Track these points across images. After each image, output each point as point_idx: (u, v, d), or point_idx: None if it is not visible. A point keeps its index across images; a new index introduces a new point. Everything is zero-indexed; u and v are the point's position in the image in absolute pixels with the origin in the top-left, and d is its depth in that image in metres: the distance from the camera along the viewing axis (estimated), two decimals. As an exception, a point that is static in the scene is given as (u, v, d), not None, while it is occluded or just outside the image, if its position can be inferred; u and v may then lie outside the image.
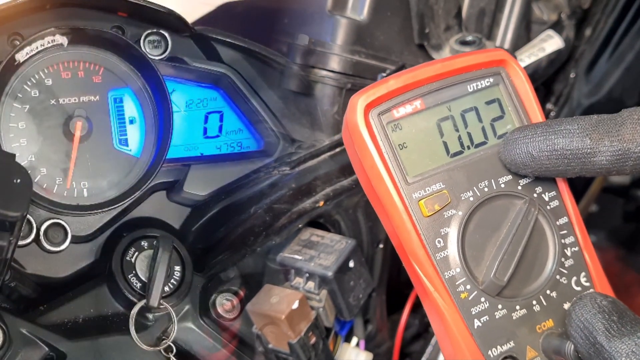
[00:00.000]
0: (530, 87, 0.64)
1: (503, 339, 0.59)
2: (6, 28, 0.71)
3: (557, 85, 1.10)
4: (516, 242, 0.59)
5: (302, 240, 0.80)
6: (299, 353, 0.73)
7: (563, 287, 0.61)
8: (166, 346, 0.71)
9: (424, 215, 0.59)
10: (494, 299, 0.59)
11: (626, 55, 1.20)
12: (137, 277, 0.72)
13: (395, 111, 0.60)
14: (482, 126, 0.63)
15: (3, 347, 0.64)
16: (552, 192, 0.63)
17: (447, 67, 0.62)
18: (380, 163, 0.58)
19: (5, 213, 0.56)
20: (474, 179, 0.60)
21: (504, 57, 0.64)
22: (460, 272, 0.58)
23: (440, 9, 0.87)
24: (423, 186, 0.59)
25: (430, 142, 0.61)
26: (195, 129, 0.81)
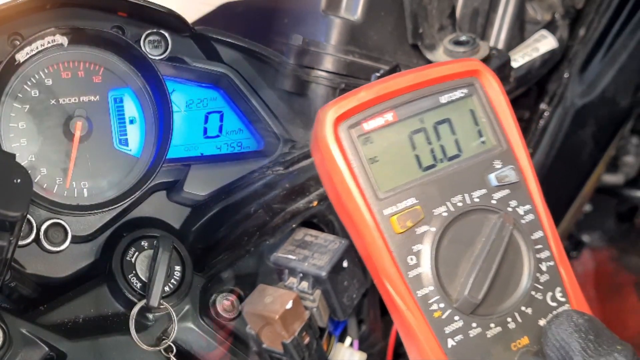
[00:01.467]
0: (505, 97, 0.62)
1: (478, 358, 0.57)
2: (6, 28, 0.71)
3: (550, 85, 1.10)
4: (490, 258, 0.57)
5: (295, 240, 0.79)
6: (293, 353, 0.72)
7: (538, 303, 0.59)
8: (166, 346, 0.71)
9: (396, 232, 0.56)
10: (468, 317, 0.57)
11: (620, 55, 1.20)
12: (137, 277, 0.72)
13: (365, 124, 0.58)
14: (456, 138, 0.61)
15: (3, 347, 0.64)
16: (527, 205, 0.61)
17: (420, 77, 0.60)
18: (349, 178, 0.56)
19: (5, 213, 0.56)
20: (447, 194, 0.58)
21: (477, 68, 0.62)
22: (434, 290, 0.56)
23: (434, 9, 0.86)
24: (395, 202, 0.57)
25: (402, 156, 0.59)
26: (195, 129, 0.81)
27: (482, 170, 0.60)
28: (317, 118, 0.58)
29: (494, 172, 0.60)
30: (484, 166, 0.60)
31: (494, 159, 0.61)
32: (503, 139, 0.62)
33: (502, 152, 0.61)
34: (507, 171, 0.61)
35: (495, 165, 0.61)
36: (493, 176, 0.60)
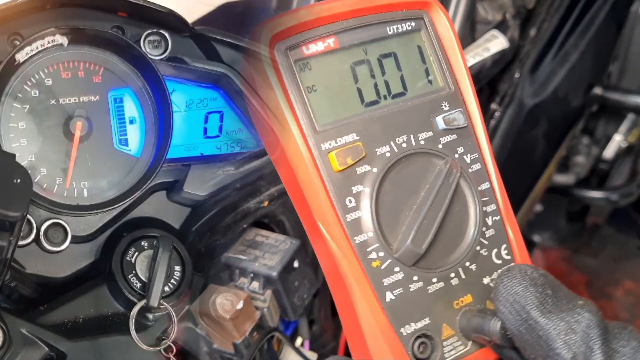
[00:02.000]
0: (455, 36, 0.59)
1: (417, 315, 0.52)
2: (6, 28, 0.71)
3: (501, 86, 1.10)
4: (436, 207, 0.53)
5: (246, 241, 0.79)
6: (244, 353, 0.72)
7: (483, 260, 0.55)
8: (166, 346, 0.71)
9: (335, 169, 0.52)
10: (410, 269, 0.52)
11: (571, 55, 1.20)
12: (137, 277, 0.72)
13: (305, 48, 0.53)
14: (401, 75, 0.56)
15: (3, 347, 0.64)
16: (475, 153, 0.57)
17: (366, 2, 0.55)
18: (285, 105, 0.51)
19: (5, 213, 0.56)
20: (391, 133, 0.54)
21: (427, 0, 0.58)
22: (373, 237, 0.52)
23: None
24: (334, 136, 0.52)
25: (343, 88, 0.54)
26: (195, 129, 0.81)
27: (429, 111, 0.56)
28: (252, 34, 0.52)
29: (442, 115, 0.56)
30: (431, 107, 0.56)
31: (442, 100, 0.57)
32: (452, 81, 0.58)
33: (449, 94, 0.58)
34: (455, 114, 0.57)
35: (443, 107, 0.57)
36: (440, 118, 0.56)
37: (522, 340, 0.48)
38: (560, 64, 1.18)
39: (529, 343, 0.47)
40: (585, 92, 1.32)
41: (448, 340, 0.53)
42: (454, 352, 0.54)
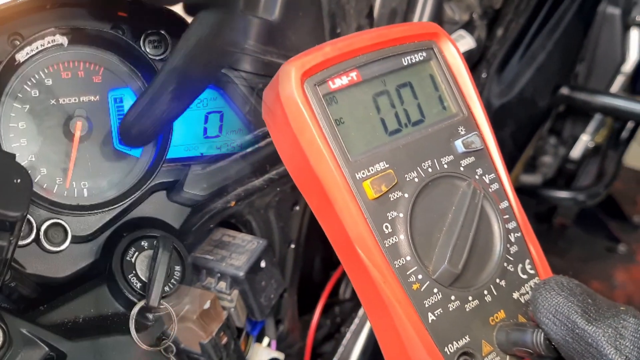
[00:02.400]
0: (464, 62, 0.61)
1: (458, 333, 0.54)
2: (6, 28, 0.71)
3: None
4: (467, 227, 0.54)
5: (213, 241, 0.79)
6: (211, 353, 0.72)
7: (511, 275, 0.57)
8: (166, 346, 0.71)
9: (370, 197, 0.53)
10: (447, 289, 0.54)
11: (538, 56, 1.20)
12: (137, 277, 0.72)
13: (331, 82, 0.55)
14: (418, 103, 0.58)
15: (3, 347, 0.64)
16: (492, 174, 0.59)
17: (382, 36, 0.57)
18: (320, 139, 0.52)
19: (5, 213, 0.56)
20: (417, 159, 0.56)
21: (435, 31, 0.60)
22: (411, 261, 0.53)
23: (351, 8, 0.86)
24: (367, 165, 0.54)
25: (368, 118, 0.56)
26: (195, 129, 0.81)
27: (448, 136, 0.58)
28: (280, 74, 0.54)
29: (460, 138, 0.59)
30: (449, 132, 0.59)
31: (458, 125, 0.59)
32: (464, 106, 0.60)
33: (464, 119, 0.60)
34: (472, 137, 0.59)
35: (460, 131, 0.59)
36: (460, 142, 0.58)
37: (570, 349, 0.48)
38: (527, 64, 1.18)
39: (578, 352, 0.48)
40: (553, 93, 1.32)
41: (488, 356, 0.55)
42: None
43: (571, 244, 2.08)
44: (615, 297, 1.95)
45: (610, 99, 1.42)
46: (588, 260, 2.04)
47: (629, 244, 2.09)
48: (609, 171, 1.75)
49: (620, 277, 2.01)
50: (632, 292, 1.97)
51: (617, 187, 1.85)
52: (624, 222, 2.13)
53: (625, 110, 1.41)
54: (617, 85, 1.65)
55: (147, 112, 0.69)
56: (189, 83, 0.68)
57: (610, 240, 2.09)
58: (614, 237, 2.09)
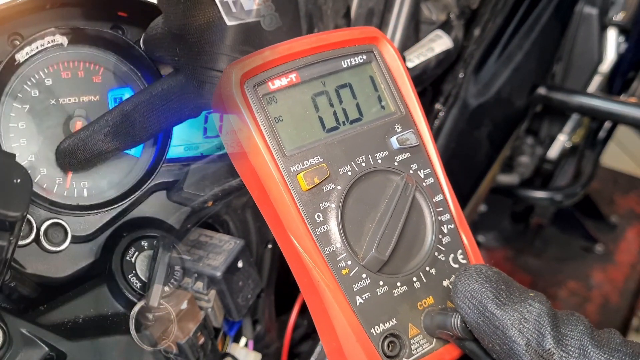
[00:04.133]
0: (403, 64, 0.65)
1: (385, 316, 0.58)
2: (6, 28, 0.71)
3: (445, 86, 1.10)
4: (396, 217, 0.59)
5: (190, 241, 0.79)
6: (188, 353, 0.72)
7: (441, 265, 0.61)
8: (166, 346, 0.71)
9: (303, 189, 0.58)
10: (376, 275, 0.58)
11: (515, 56, 1.20)
12: (137, 277, 0.72)
13: (270, 83, 0.59)
14: (357, 102, 0.63)
15: (3, 347, 0.64)
16: (427, 169, 0.63)
17: (321, 40, 0.62)
18: (257, 135, 0.57)
19: (5, 213, 0.56)
20: (351, 154, 0.60)
21: (375, 35, 0.65)
22: (341, 248, 0.58)
23: (328, 9, 0.86)
24: (301, 159, 0.58)
25: (306, 117, 0.60)
26: (195, 129, 0.81)
27: (384, 133, 0.63)
28: (223, 76, 0.59)
29: (395, 135, 0.63)
30: (385, 129, 0.63)
31: (394, 123, 0.63)
32: (402, 105, 0.64)
33: (401, 117, 0.64)
34: (408, 134, 0.63)
35: (396, 128, 0.63)
36: (395, 139, 0.62)
37: (481, 331, 0.53)
38: (504, 64, 1.18)
39: (487, 333, 0.52)
40: (529, 93, 1.32)
41: (415, 339, 0.59)
42: (420, 349, 0.59)
43: (548, 244, 2.09)
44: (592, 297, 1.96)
45: (587, 99, 1.43)
46: (565, 260, 2.05)
47: (605, 244, 2.10)
48: (586, 171, 1.76)
49: (597, 277, 2.02)
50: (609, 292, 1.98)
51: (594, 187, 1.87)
52: (601, 222, 2.15)
53: (602, 110, 1.41)
54: (594, 85, 1.65)
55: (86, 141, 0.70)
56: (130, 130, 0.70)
57: (587, 240, 2.10)
58: (591, 237, 2.10)
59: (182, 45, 0.67)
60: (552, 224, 2.10)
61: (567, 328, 0.50)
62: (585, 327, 0.51)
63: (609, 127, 1.81)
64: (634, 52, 1.70)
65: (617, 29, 1.64)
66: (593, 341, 0.49)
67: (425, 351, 0.59)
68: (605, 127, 1.80)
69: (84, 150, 0.70)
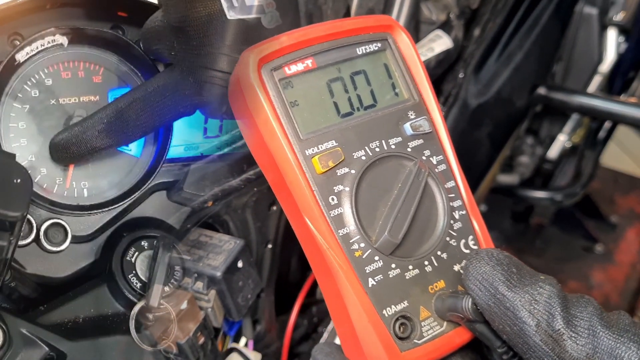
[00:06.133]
0: (417, 53, 0.66)
1: (397, 299, 0.59)
2: (6, 28, 0.71)
3: (446, 86, 1.10)
4: (409, 202, 0.59)
5: (190, 241, 0.79)
6: (188, 353, 0.72)
7: (453, 249, 0.62)
8: (166, 346, 0.71)
9: (318, 172, 0.58)
10: (388, 257, 0.59)
11: (515, 56, 1.20)
12: (137, 277, 0.72)
13: (287, 68, 0.60)
14: (371, 89, 0.64)
15: (3, 347, 0.64)
16: (440, 155, 0.64)
17: (337, 27, 0.63)
18: (273, 118, 0.58)
19: (5, 213, 0.56)
20: (365, 139, 0.61)
21: (390, 23, 0.65)
22: (354, 230, 0.58)
23: (328, 9, 0.86)
24: (316, 143, 0.59)
25: (322, 102, 0.61)
26: (195, 129, 0.81)
27: (397, 119, 0.63)
28: (240, 60, 0.59)
29: (409, 122, 0.63)
30: (399, 116, 0.63)
31: (408, 110, 0.64)
32: (415, 92, 0.65)
33: (414, 104, 0.64)
34: (421, 121, 0.64)
35: (409, 115, 0.64)
36: (408, 125, 0.63)
37: (492, 313, 0.53)
38: (504, 64, 1.18)
39: (498, 315, 0.53)
40: (530, 93, 1.32)
41: (426, 321, 0.59)
42: (431, 331, 0.59)
43: (548, 244, 2.09)
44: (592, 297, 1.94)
45: (587, 98, 1.43)
46: (565, 260, 2.05)
47: (606, 243, 2.10)
48: (586, 171, 1.76)
49: (598, 277, 2.02)
50: (609, 292, 1.98)
51: (594, 187, 1.86)
52: (601, 222, 2.14)
53: (602, 110, 1.41)
54: (594, 85, 1.65)
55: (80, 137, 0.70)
56: (124, 127, 0.69)
57: (587, 240, 2.10)
58: (591, 237, 2.10)
59: (180, 38, 0.67)
60: (552, 224, 2.10)
61: (577, 309, 0.51)
62: (595, 308, 0.51)
63: (609, 127, 1.81)
64: (634, 52, 1.70)
65: (617, 29, 1.64)
66: (602, 322, 0.50)
67: (436, 333, 0.59)
68: (605, 127, 1.80)
69: (77, 146, 0.69)
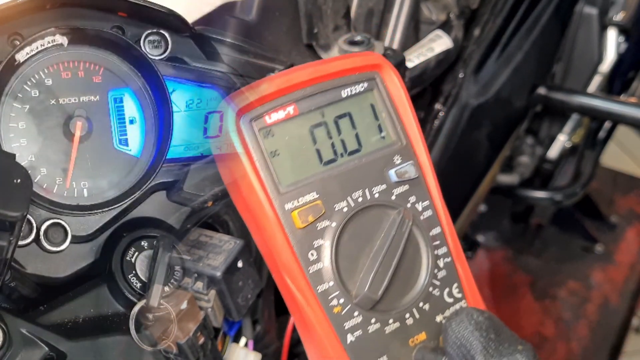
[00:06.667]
0: (405, 93, 0.63)
1: (376, 353, 0.57)
2: (6, 28, 0.71)
3: (445, 86, 1.09)
4: (390, 255, 0.57)
5: (190, 241, 0.79)
6: (188, 353, 0.72)
7: (435, 299, 0.60)
8: (166, 346, 0.71)
9: (297, 227, 0.56)
10: (368, 312, 0.57)
11: (514, 56, 1.20)
12: (137, 277, 0.72)
13: (267, 117, 0.58)
14: (356, 133, 0.61)
15: (3, 347, 0.64)
16: (426, 201, 0.61)
17: (321, 71, 0.60)
18: (251, 172, 0.56)
19: (5, 213, 0.56)
20: (348, 189, 0.59)
21: (378, 62, 0.62)
22: (334, 286, 0.56)
23: (328, 9, 0.86)
24: (296, 196, 0.57)
25: (303, 150, 0.59)
26: (195, 129, 0.81)
27: (382, 165, 0.61)
28: (219, 109, 0.58)
29: (394, 168, 0.61)
30: (384, 161, 0.61)
31: (394, 154, 0.62)
32: (403, 135, 0.62)
33: (401, 148, 0.62)
34: (407, 167, 0.61)
35: (395, 160, 0.61)
36: (393, 172, 0.61)
37: None
38: (504, 64, 1.18)
39: None
40: (529, 93, 1.32)
41: None
42: None
43: (548, 244, 2.09)
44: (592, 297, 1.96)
45: (587, 98, 1.42)
46: (565, 260, 2.05)
47: (605, 244, 2.10)
48: (586, 171, 1.76)
49: (597, 277, 2.02)
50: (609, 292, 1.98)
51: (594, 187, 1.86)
52: (601, 222, 2.14)
53: (602, 110, 1.41)
54: (594, 85, 1.65)
55: None
56: None
57: (587, 240, 2.10)
58: (591, 237, 2.10)
59: None
60: (552, 224, 2.10)
61: None
62: None
63: (609, 127, 1.81)
64: (634, 52, 1.69)
65: (617, 29, 1.64)
66: None
67: None
68: (605, 127, 1.80)
69: None
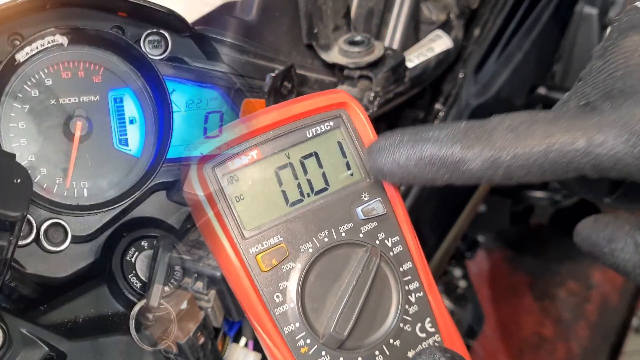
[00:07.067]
0: (371, 128, 0.62)
1: None
2: (6, 28, 0.71)
3: (445, 86, 1.09)
4: (357, 294, 0.57)
5: (190, 240, 0.79)
6: (187, 353, 0.72)
7: (407, 335, 0.59)
8: (166, 346, 0.71)
9: (262, 270, 0.56)
10: (335, 352, 0.57)
11: (514, 56, 1.20)
12: (137, 277, 0.72)
13: (230, 163, 0.58)
14: (323, 172, 0.60)
15: (3, 347, 0.64)
16: (396, 237, 0.60)
17: (284, 114, 0.59)
18: (214, 220, 0.56)
19: (5, 213, 0.56)
20: (313, 229, 0.58)
21: (344, 100, 0.62)
22: (300, 327, 0.56)
23: (328, 9, 0.85)
24: (260, 240, 0.57)
25: (269, 192, 0.58)
26: (195, 129, 0.81)
27: (349, 203, 0.60)
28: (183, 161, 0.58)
29: (361, 206, 0.60)
30: (351, 199, 0.60)
31: (362, 191, 0.61)
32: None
33: (369, 185, 0.61)
34: (374, 204, 0.60)
35: (362, 197, 0.61)
36: (360, 210, 0.60)
37: None
38: (504, 64, 1.18)
39: None
40: (529, 93, 1.32)
41: None
42: None
43: (547, 244, 2.08)
44: (591, 297, 1.95)
45: (587, 98, 1.41)
46: (564, 260, 2.05)
47: (605, 244, 2.08)
48: (586, 171, 1.75)
49: (597, 277, 2.01)
50: (609, 292, 1.98)
51: (594, 186, 1.85)
52: (601, 222, 2.13)
53: (601, 110, 1.40)
54: (594, 86, 1.64)
55: None
56: None
57: (586, 241, 2.09)
58: (591, 238, 2.09)
59: None
60: (552, 224, 2.10)
61: None
62: None
63: (608, 127, 1.80)
64: (634, 52, 1.69)
65: (617, 29, 1.64)
66: None
67: None
68: (605, 127, 1.80)
69: None
